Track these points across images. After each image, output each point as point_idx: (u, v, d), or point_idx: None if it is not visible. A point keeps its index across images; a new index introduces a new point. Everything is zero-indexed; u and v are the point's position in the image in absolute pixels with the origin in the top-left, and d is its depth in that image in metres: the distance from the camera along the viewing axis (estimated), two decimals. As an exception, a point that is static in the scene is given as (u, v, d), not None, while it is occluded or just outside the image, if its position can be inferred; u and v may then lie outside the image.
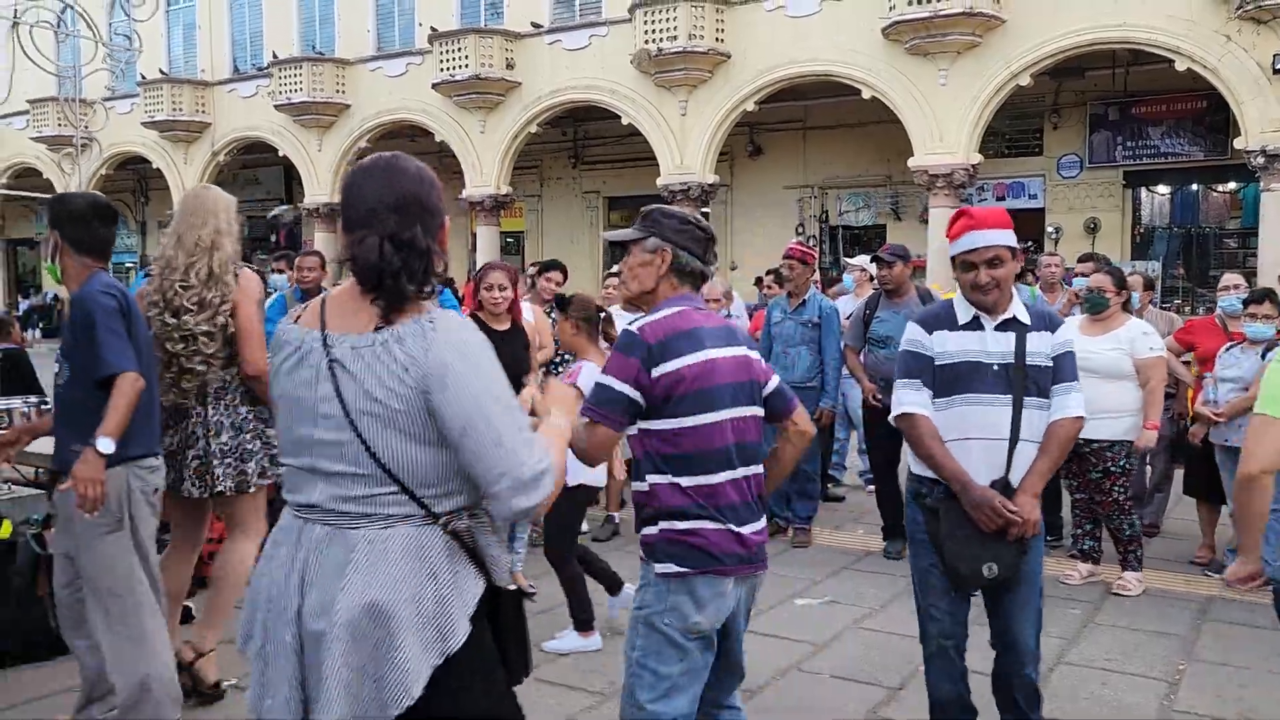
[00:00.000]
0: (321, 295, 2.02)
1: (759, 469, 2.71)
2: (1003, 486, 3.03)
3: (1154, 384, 5.29)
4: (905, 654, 4.36)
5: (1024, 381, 3.06)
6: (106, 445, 3.05)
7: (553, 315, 6.36)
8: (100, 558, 3.21)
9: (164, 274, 3.89)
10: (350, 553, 1.83)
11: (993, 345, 3.09)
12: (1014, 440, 3.04)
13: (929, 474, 3.15)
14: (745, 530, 2.62)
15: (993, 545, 3.05)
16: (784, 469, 2.92)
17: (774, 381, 2.80)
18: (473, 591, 1.88)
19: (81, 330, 3.20)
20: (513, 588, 1.97)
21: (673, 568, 2.57)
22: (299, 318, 1.99)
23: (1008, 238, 3.09)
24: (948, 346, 3.11)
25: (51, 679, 4.07)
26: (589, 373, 4.02)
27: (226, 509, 4.05)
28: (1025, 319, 3.12)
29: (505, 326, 5.25)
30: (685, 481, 2.58)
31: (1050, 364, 3.12)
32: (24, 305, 30.09)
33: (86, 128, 6.36)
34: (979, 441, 3.05)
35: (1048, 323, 3.19)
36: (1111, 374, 5.21)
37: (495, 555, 1.93)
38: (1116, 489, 5.29)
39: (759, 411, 2.73)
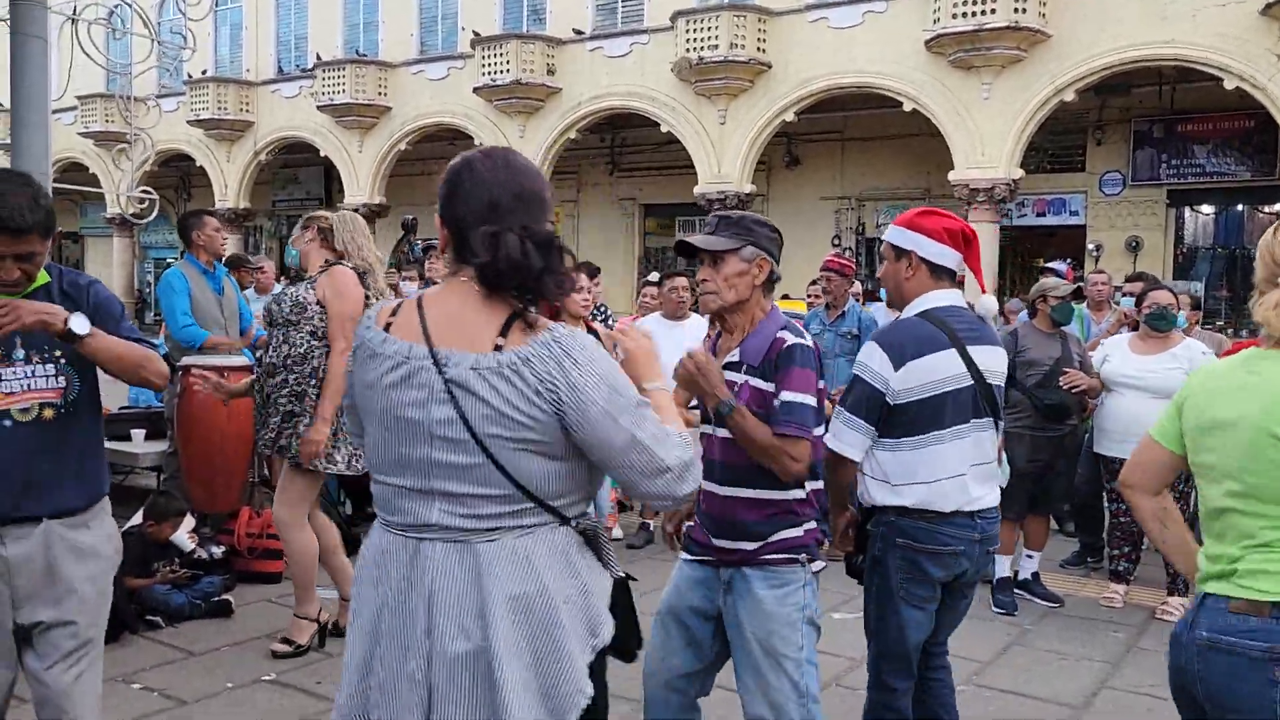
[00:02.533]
0: (414, 299, 1.86)
1: None
2: None
3: None
4: (944, 672, 4.31)
5: None
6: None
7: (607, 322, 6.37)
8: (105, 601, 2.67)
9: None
10: (490, 563, 1.75)
11: None
12: None
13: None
14: None
15: None
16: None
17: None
18: (605, 585, 1.87)
19: None
20: (624, 576, 1.96)
21: (821, 563, 2.73)
22: (389, 325, 1.83)
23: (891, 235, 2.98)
24: None
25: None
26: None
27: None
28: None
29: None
30: (817, 485, 2.73)
31: None
32: (66, 298, 30.54)
33: (136, 125, 6.46)
34: None
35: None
36: (1174, 389, 5.11)
37: (608, 549, 1.92)
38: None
39: None
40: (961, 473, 2.83)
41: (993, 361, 2.93)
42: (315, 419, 4.10)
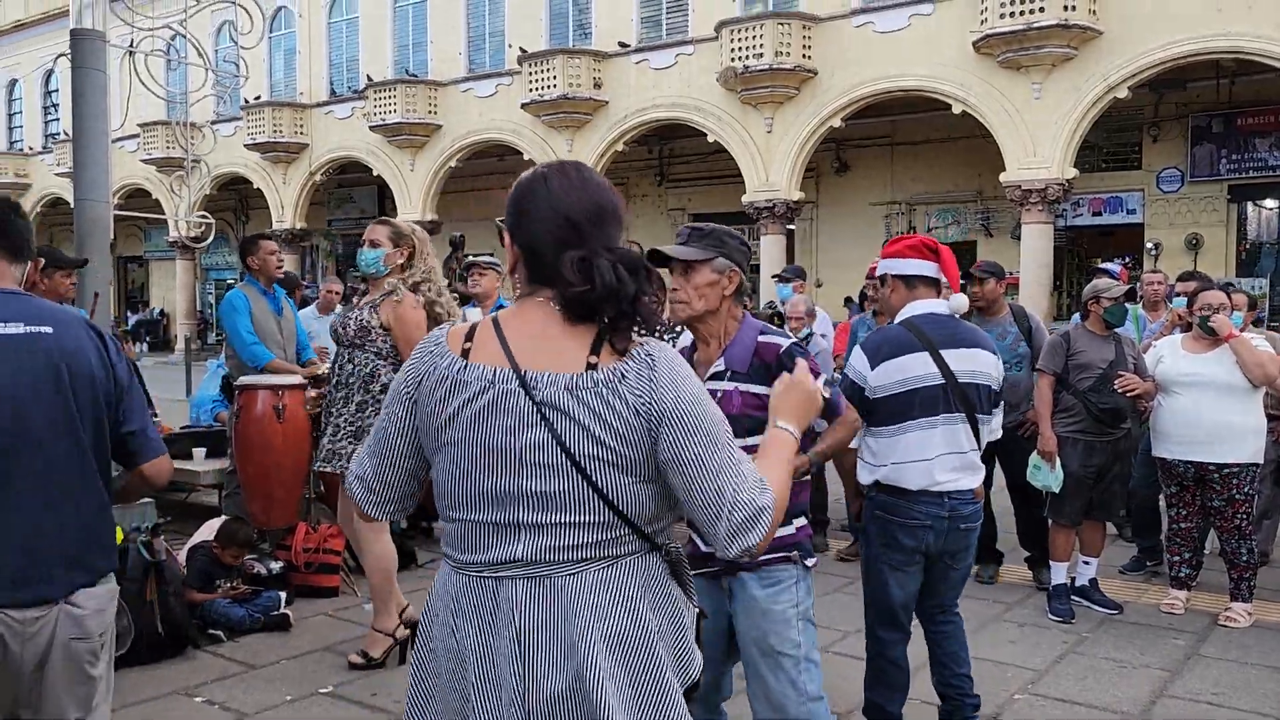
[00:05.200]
0: (488, 321, 1.75)
1: None
2: None
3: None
4: (995, 678, 4.26)
5: None
6: None
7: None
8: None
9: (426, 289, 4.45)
10: (578, 599, 1.66)
11: None
12: None
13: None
14: None
15: None
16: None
17: None
18: (691, 616, 1.79)
19: None
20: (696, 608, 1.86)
21: (813, 559, 2.83)
22: (467, 351, 1.72)
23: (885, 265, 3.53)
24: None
25: (161, 681, 4.23)
26: None
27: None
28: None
29: None
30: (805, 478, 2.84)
31: None
32: (132, 320, 31.43)
33: (194, 151, 6.66)
34: None
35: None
36: (1231, 386, 5.00)
37: (687, 576, 1.82)
38: (1240, 515, 5.10)
39: None
40: (928, 458, 3.29)
41: (970, 363, 3.36)
42: None
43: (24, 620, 2.14)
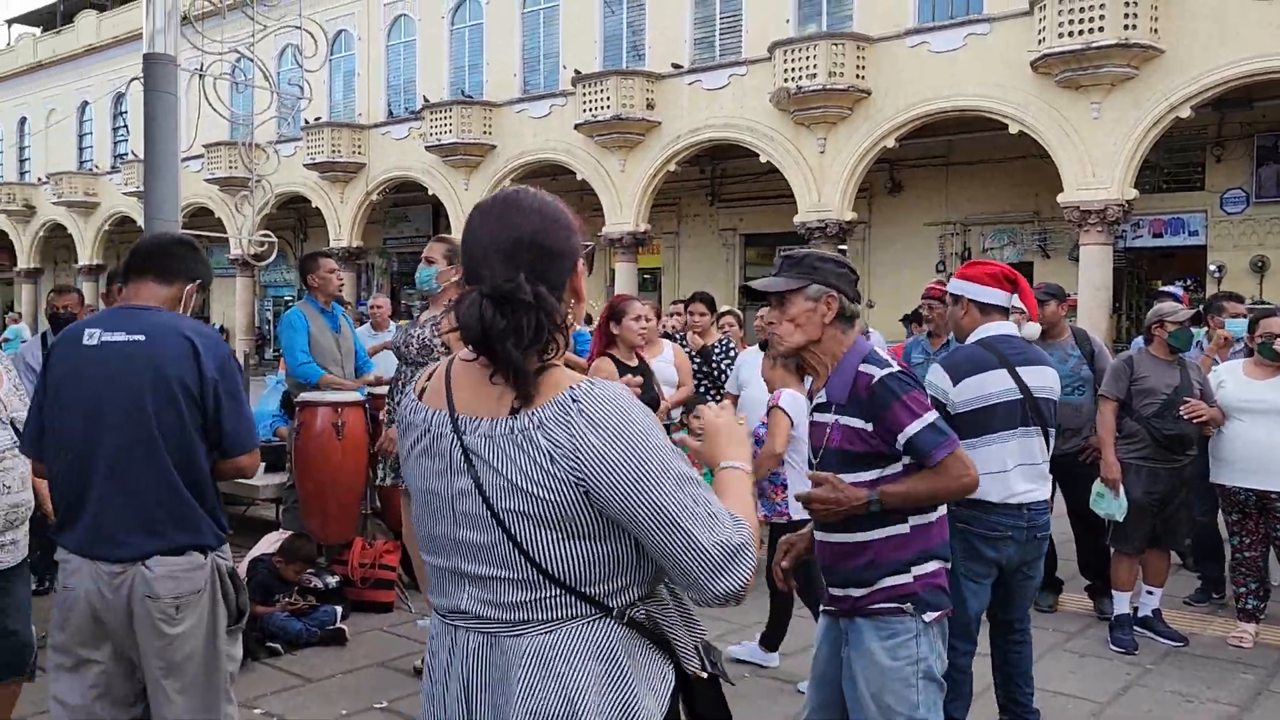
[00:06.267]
0: (445, 364, 1.71)
1: None
2: None
3: None
4: (1055, 709, 4.17)
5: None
6: None
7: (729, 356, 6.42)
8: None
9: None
10: (515, 664, 1.56)
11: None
12: None
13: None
14: None
15: None
16: None
17: None
18: (664, 687, 1.61)
19: None
20: (705, 675, 1.67)
21: (936, 612, 2.59)
22: (422, 392, 1.70)
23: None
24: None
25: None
26: (789, 397, 4.32)
27: None
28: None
29: (635, 363, 5.15)
30: (935, 516, 2.63)
31: None
32: (193, 335, 32.09)
33: (257, 171, 6.79)
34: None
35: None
36: None
37: (683, 640, 1.65)
38: None
39: None
40: (1007, 469, 3.39)
41: (1041, 378, 3.53)
42: None
43: (110, 573, 2.57)
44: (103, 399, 2.57)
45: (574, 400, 1.52)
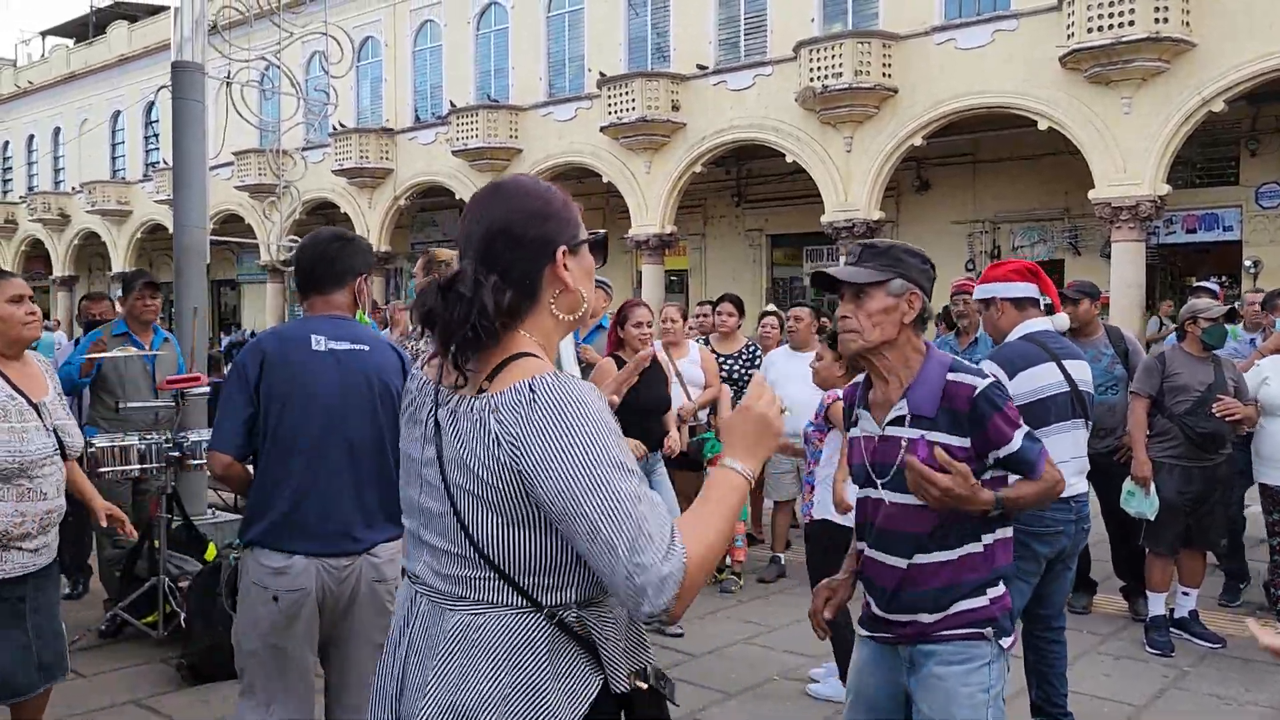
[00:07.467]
0: None
1: None
2: None
3: None
4: (1090, 712, 4.11)
5: None
6: None
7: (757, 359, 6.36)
8: None
9: None
10: (444, 637, 1.58)
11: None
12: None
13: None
14: None
15: None
16: None
17: None
18: (582, 694, 1.55)
19: None
20: (643, 686, 1.61)
21: (1010, 638, 2.41)
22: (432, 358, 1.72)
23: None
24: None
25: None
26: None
27: None
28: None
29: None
30: (1007, 534, 2.43)
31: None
32: (225, 341, 32.46)
33: (285, 177, 6.86)
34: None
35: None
36: None
37: (612, 656, 1.59)
38: None
39: None
40: (1065, 462, 3.31)
41: (1082, 372, 3.64)
42: None
43: (339, 568, 2.81)
44: (344, 402, 2.80)
45: (531, 390, 1.50)
